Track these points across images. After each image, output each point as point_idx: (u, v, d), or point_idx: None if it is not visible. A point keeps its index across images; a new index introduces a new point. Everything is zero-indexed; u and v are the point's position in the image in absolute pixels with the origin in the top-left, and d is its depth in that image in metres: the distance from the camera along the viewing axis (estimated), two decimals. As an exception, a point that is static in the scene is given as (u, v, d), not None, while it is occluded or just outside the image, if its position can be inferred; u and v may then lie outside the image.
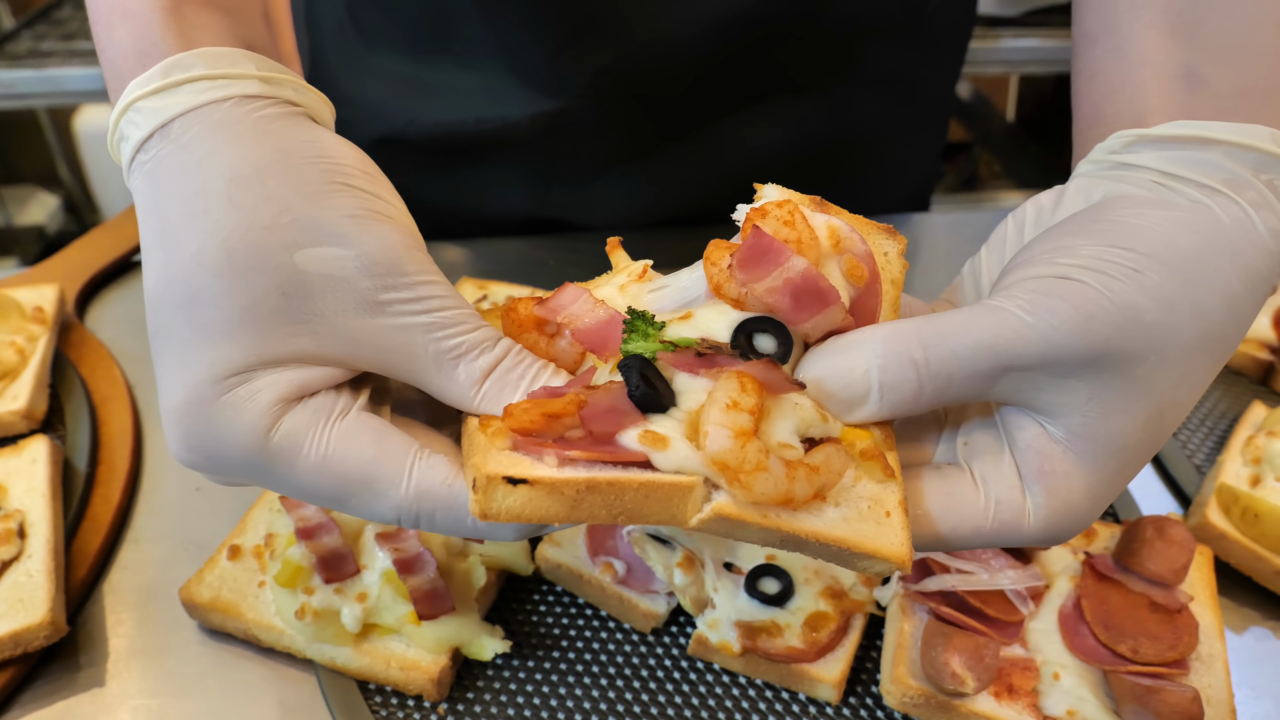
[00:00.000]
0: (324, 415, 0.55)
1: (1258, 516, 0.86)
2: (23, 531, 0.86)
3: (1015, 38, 2.65)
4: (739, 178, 1.35)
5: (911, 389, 0.53)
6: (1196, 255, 0.53)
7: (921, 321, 0.54)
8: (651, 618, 0.83)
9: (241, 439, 0.54)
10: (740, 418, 0.51)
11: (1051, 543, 0.57)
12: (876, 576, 0.54)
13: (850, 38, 1.27)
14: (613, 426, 0.52)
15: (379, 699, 0.78)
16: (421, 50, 1.25)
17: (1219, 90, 0.59)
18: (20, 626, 0.78)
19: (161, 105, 0.56)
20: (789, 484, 0.51)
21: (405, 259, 0.55)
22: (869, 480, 0.54)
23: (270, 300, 0.53)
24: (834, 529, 0.52)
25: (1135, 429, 0.53)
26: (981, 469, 0.57)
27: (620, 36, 1.17)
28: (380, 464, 0.54)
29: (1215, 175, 0.56)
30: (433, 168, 1.33)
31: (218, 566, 0.85)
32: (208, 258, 0.53)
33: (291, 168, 0.55)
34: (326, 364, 0.55)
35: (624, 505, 0.52)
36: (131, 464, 0.98)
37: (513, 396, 0.55)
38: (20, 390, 1.01)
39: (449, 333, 0.55)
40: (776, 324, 0.56)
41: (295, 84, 0.60)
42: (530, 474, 0.50)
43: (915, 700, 0.74)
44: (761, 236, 0.55)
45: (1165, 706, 0.70)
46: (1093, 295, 0.52)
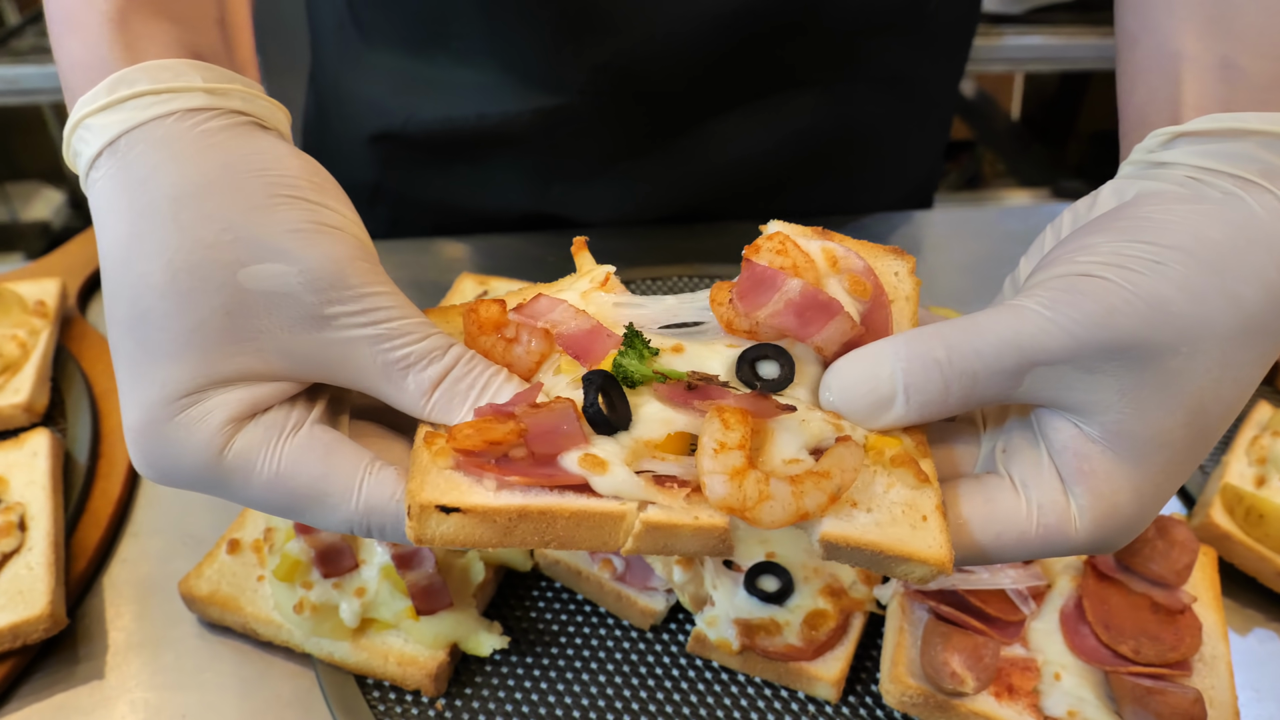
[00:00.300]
0: (275, 433, 0.55)
1: (1262, 517, 0.86)
2: (23, 524, 0.86)
3: (1019, 35, 2.65)
4: (739, 175, 1.36)
5: (938, 389, 0.53)
6: (1228, 246, 0.52)
7: (943, 324, 0.54)
8: (650, 615, 0.83)
9: (195, 458, 0.54)
10: (731, 458, 0.51)
11: (1102, 549, 0.56)
12: (919, 582, 0.53)
13: (850, 34, 1.26)
14: (554, 448, 0.52)
15: (377, 694, 0.78)
16: (420, 47, 1.25)
17: (1256, 81, 0.59)
18: (20, 619, 0.78)
19: (108, 122, 0.56)
20: (798, 500, 0.51)
21: (349, 271, 0.54)
22: (902, 486, 0.54)
23: (215, 320, 0.53)
24: (865, 534, 0.52)
25: (1176, 426, 0.52)
26: (1021, 473, 0.56)
27: (618, 33, 1.17)
28: (330, 480, 0.55)
29: (1250, 167, 0.55)
30: (432, 164, 1.33)
31: (217, 561, 0.85)
32: (153, 279, 0.53)
33: (234, 183, 0.54)
34: (276, 379, 0.55)
35: (555, 533, 0.53)
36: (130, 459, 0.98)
37: (462, 406, 0.55)
38: (22, 384, 1.01)
39: (396, 344, 0.55)
40: (777, 349, 0.57)
41: (244, 93, 0.59)
42: (464, 501, 0.51)
43: (914, 699, 0.74)
44: (755, 268, 0.57)
45: (1167, 708, 0.69)
46: (1113, 289, 0.51)
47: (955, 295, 1.26)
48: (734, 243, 1.35)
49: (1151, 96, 0.63)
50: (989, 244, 1.40)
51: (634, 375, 0.55)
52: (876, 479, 0.54)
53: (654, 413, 0.54)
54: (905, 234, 1.45)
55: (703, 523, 0.52)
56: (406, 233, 1.39)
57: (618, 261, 1.26)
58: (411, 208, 1.38)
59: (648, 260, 1.30)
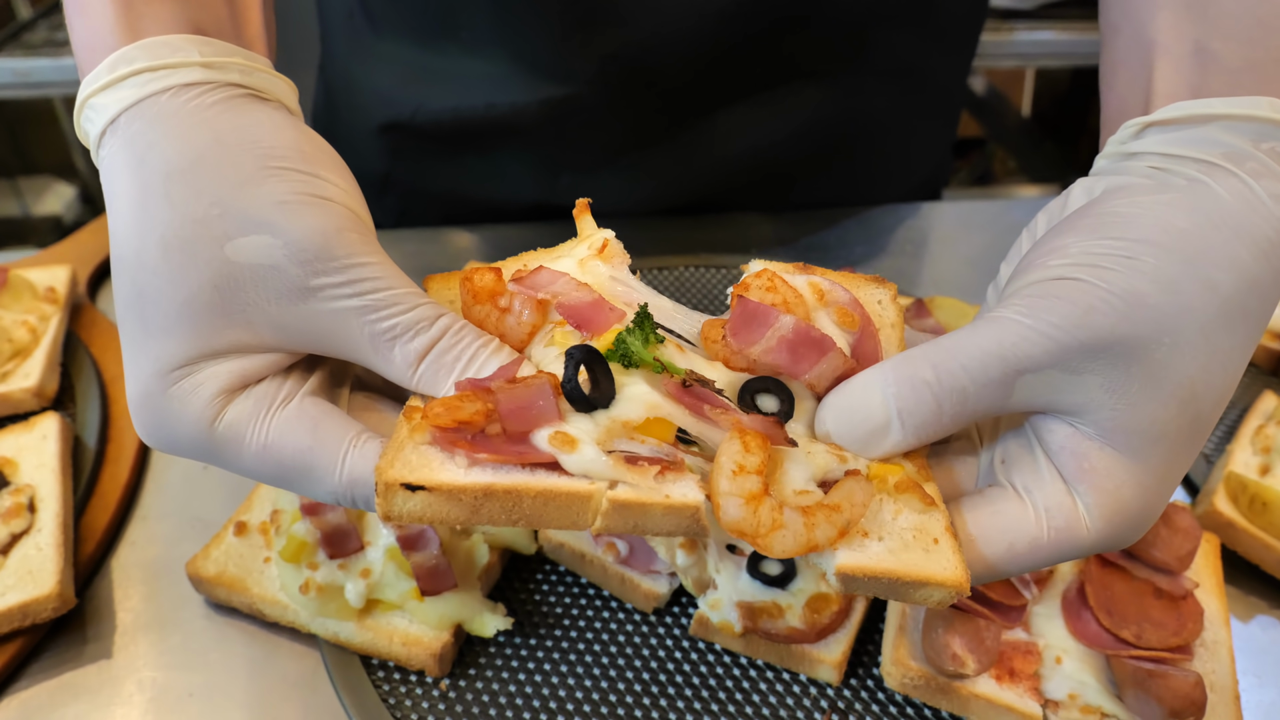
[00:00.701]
0: (265, 405, 0.56)
1: (1266, 505, 0.86)
2: (33, 506, 0.87)
3: (1030, 30, 2.64)
4: (747, 166, 1.36)
5: (930, 409, 0.53)
6: (1195, 234, 0.53)
7: (926, 345, 0.55)
8: (653, 598, 0.83)
9: (189, 429, 0.55)
10: (748, 481, 0.51)
11: (1114, 546, 0.55)
12: (938, 605, 0.53)
13: (858, 25, 1.27)
14: (528, 425, 0.53)
15: (381, 674, 0.79)
16: (429, 37, 1.25)
17: (1228, 64, 0.58)
18: (29, 598, 0.79)
19: (108, 101, 0.57)
20: (809, 532, 0.51)
21: (335, 243, 0.54)
22: (910, 512, 0.54)
23: (204, 294, 0.54)
24: (880, 562, 0.52)
25: (1170, 416, 0.52)
26: (1022, 480, 0.56)
27: (627, 23, 1.17)
28: (315, 453, 0.55)
29: (1213, 151, 0.55)
30: (441, 154, 1.34)
31: (224, 542, 0.85)
32: (147, 255, 0.54)
33: (225, 157, 0.55)
34: (268, 351, 0.56)
35: (523, 511, 0.53)
36: (140, 442, 0.99)
37: (449, 377, 0.56)
38: (32, 368, 1.02)
39: (383, 315, 0.55)
40: (777, 383, 0.57)
41: (243, 66, 0.60)
42: (429, 480, 0.51)
43: (915, 682, 0.74)
44: (747, 304, 0.57)
45: (1167, 691, 0.70)
46: (1087, 289, 0.52)
47: (961, 287, 1.26)
48: (741, 234, 1.36)
49: (1129, 87, 0.63)
50: (996, 236, 1.40)
51: (634, 355, 0.55)
52: (884, 507, 0.54)
53: (639, 393, 0.54)
54: (912, 226, 1.44)
55: (673, 501, 0.52)
56: (415, 222, 1.40)
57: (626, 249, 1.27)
58: (420, 198, 1.39)
59: (655, 251, 1.30)
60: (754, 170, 1.39)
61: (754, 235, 1.36)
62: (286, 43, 2.43)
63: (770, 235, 1.37)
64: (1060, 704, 0.73)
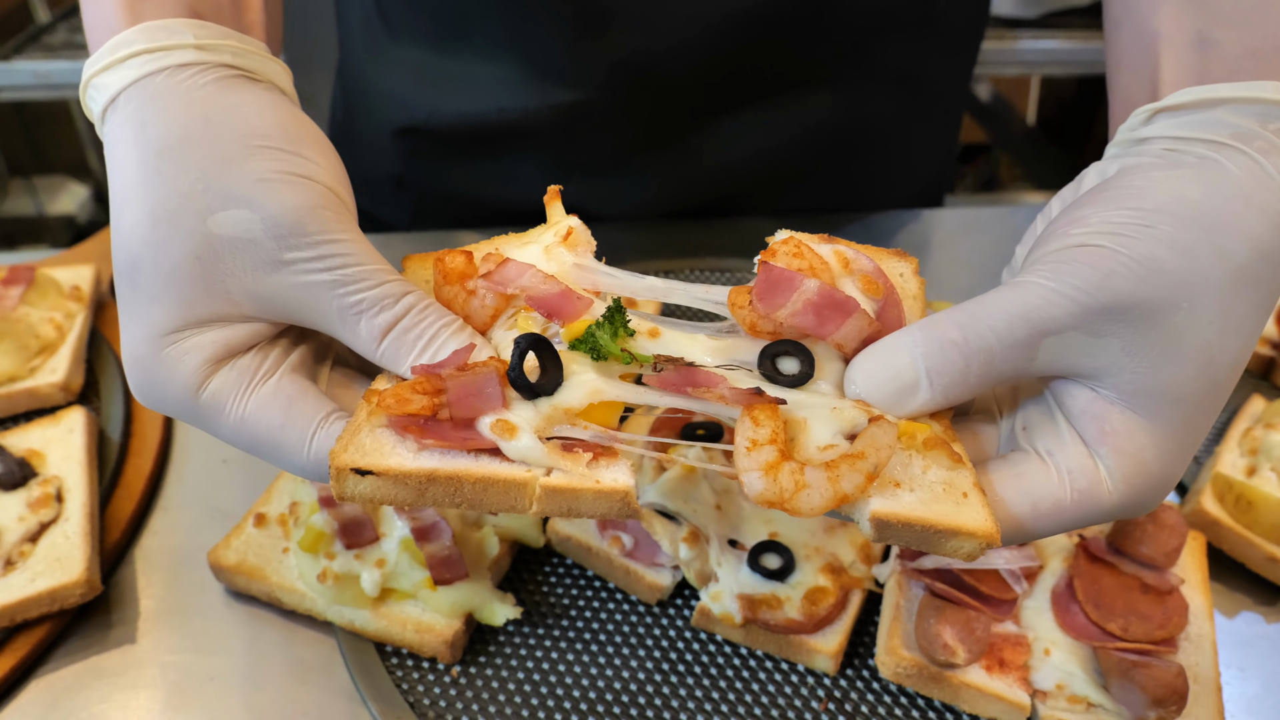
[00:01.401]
0: (246, 379, 0.60)
1: (1251, 504, 0.88)
2: (60, 496, 0.91)
3: (1034, 39, 2.66)
4: (751, 170, 1.39)
5: (958, 369, 0.55)
6: (1207, 204, 0.55)
7: (953, 309, 0.57)
8: (657, 590, 0.86)
9: (176, 394, 0.60)
10: (763, 454, 0.54)
11: (1136, 509, 0.57)
12: (968, 558, 0.56)
13: (861, 32, 1.29)
14: (473, 412, 0.55)
15: (395, 660, 0.82)
16: (444, 43, 1.28)
17: (1230, 52, 0.61)
18: (58, 584, 0.82)
19: (108, 81, 0.61)
20: (834, 485, 0.53)
21: (308, 219, 0.58)
22: (938, 468, 0.56)
23: (187, 265, 0.58)
24: (913, 510, 0.54)
25: (1188, 378, 0.54)
26: (1044, 444, 0.58)
27: (636, 30, 1.20)
28: (286, 430, 0.59)
29: (1222, 131, 0.58)
30: (454, 157, 1.37)
31: (244, 533, 0.88)
32: (139, 228, 0.58)
33: (211, 135, 0.59)
34: (247, 320, 0.60)
35: (464, 495, 0.56)
36: (162, 436, 1.02)
37: (410, 354, 0.59)
38: (58, 364, 1.06)
39: (351, 289, 0.58)
40: (797, 345, 0.59)
41: (236, 48, 0.63)
42: (377, 465, 0.54)
43: (908, 671, 0.77)
44: (772, 270, 0.59)
45: (1151, 680, 0.72)
46: (1107, 254, 0.54)
47: (961, 292, 1.28)
48: (745, 237, 1.39)
49: (1134, 77, 0.66)
50: (995, 241, 1.42)
51: (603, 348, 0.58)
52: (914, 461, 0.56)
53: (584, 380, 0.57)
54: (914, 230, 1.47)
55: (603, 486, 0.54)
56: (428, 224, 1.43)
57: (632, 254, 1.31)
58: (433, 199, 1.42)
59: (662, 254, 1.33)
60: (759, 174, 1.41)
61: (757, 238, 1.37)
62: (306, 47, 2.47)
63: (775, 239, 1.40)
64: (1048, 694, 0.76)
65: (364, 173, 1.46)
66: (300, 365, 0.63)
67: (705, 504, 0.88)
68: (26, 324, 1.07)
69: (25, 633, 0.82)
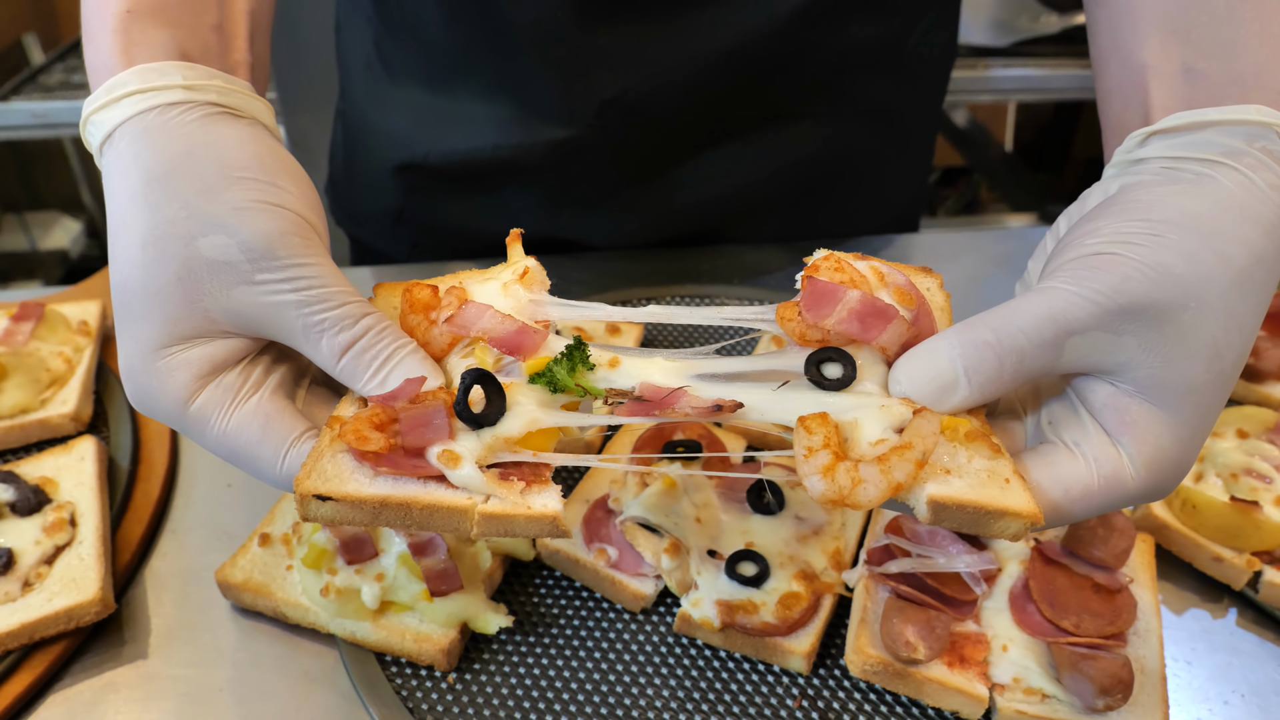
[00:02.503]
0: (230, 396, 0.66)
1: (1196, 508, 0.94)
2: (74, 520, 0.95)
3: (1005, 68, 2.74)
4: (734, 201, 1.46)
5: (993, 367, 0.61)
6: (1206, 215, 0.61)
7: (985, 314, 0.63)
8: (640, 599, 0.91)
9: (167, 405, 0.66)
10: (819, 459, 0.59)
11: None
12: (1014, 538, 0.61)
13: (835, 71, 1.36)
14: (423, 442, 0.61)
15: (394, 669, 0.86)
16: (441, 84, 1.35)
17: (1214, 80, 0.68)
18: (74, 603, 0.87)
19: (105, 119, 0.68)
20: (887, 476, 0.59)
21: (279, 244, 0.64)
22: (980, 458, 0.62)
23: (171, 285, 0.64)
24: (964, 494, 0.59)
25: (1199, 371, 0.60)
26: (1071, 436, 0.64)
27: (624, 72, 1.26)
28: (262, 446, 0.65)
29: (1213, 150, 0.64)
30: (452, 192, 1.43)
31: (249, 552, 0.93)
32: (130, 252, 0.65)
33: (195, 166, 0.65)
34: (225, 335, 0.66)
35: (414, 519, 0.62)
36: (169, 462, 1.07)
37: (366, 372, 0.65)
38: (69, 395, 1.11)
39: (314, 308, 0.65)
40: (840, 352, 0.65)
41: (222, 88, 0.70)
42: (336, 491, 0.60)
43: (875, 668, 0.82)
44: (818, 283, 0.66)
45: (1099, 672, 0.78)
46: (1122, 260, 0.60)
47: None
48: (725, 265, 1.46)
49: (1125, 105, 0.72)
50: (964, 267, 1.48)
51: (559, 383, 0.64)
52: (959, 452, 0.62)
53: (523, 410, 0.63)
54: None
55: (534, 512, 0.60)
56: (426, 255, 1.49)
57: (618, 282, 1.37)
58: (431, 231, 1.48)
59: (646, 281, 1.39)
60: (740, 205, 1.48)
61: (737, 266, 1.45)
62: (306, 89, 2.55)
63: (752, 266, 1.46)
64: (1006, 687, 0.81)
65: (365, 208, 1.53)
66: (280, 385, 0.69)
67: (685, 517, 0.93)
68: (38, 358, 1.12)
69: (43, 650, 0.87)
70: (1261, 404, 1.11)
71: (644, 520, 0.92)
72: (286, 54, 2.42)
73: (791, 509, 0.96)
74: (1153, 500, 0.65)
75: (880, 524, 0.94)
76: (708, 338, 1.28)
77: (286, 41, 2.35)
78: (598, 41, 1.23)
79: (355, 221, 1.58)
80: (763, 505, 0.95)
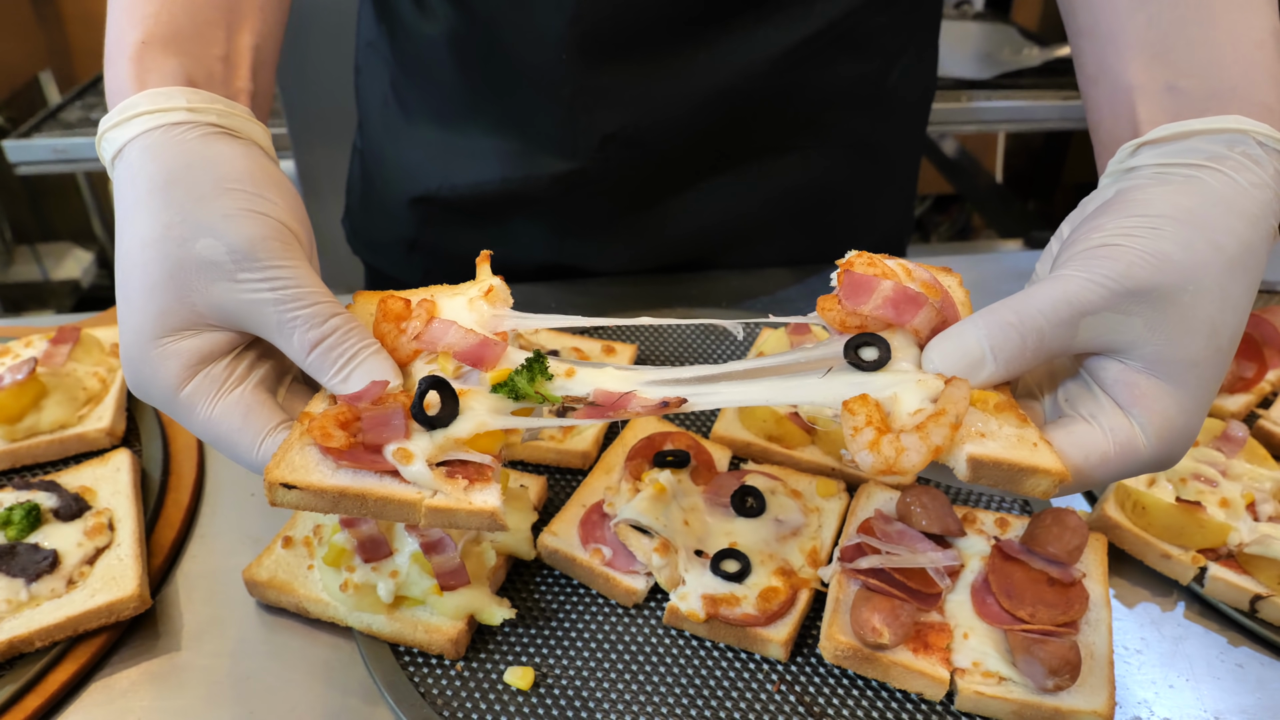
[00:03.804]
0: (216, 386, 0.74)
1: (1145, 509, 1.02)
2: (112, 525, 1.04)
3: (988, 99, 2.84)
4: (727, 229, 1.56)
5: (1016, 345, 0.69)
6: (1199, 210, 0.69)
7: (1006, 300, 0.71)
8: (633, 594, 0.99)
9: (160, 390, 0.74)
10: (865, 435, 0.67)
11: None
12: (1043, 495, 0.66)
13: (821, 108, 1.45)
14: (381, 439, 0.69)
15: (407, 658, 0.94)
16: (453, 121, 1.44)
17: (1195, 96, 0.76)
18: (114, 598, 0.95)
19: (118, 136, 0.77)
20: (926, 442, 0.66)
21: (259, 248, 0.72)
22: (1009, 426, 0.69)
23: (164, 281, 0.72)
24: (1000, 453, 0.67)
25: (1199, 346, 0.67)
26: (1086, 410, 0.71)
27: (624, 109, 1.36)
28: (241, 434, 0.73)
29: (1199, 156, 0.72)
30: (463, 223, 1.52)
31: (274, 553, 1.01)
32: (131, 251, 0.74)
33: (191, 178, 0.74)
34: (211, 328, 0.74)
35: (369, 509, 0.69)
36: (197, 474, 1.15)
37: (332, 368, 0.73)
38: (104, 412, 1.19)
39: (288, 306, 0.72)
40: (875, 336, 0.73)
41: (222, 111, 0.79)
42: (300, 481, 0.68)
43: (845, 653, 0.90)
44: (855, 275, 0.75)
45: (1048, 654, 0.85)
46: (1126, 251, 0.69)
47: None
48: (714, 288, 1.55)
49: (1115, 121, 0.81)
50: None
51: (520, 391, 0.72)
52: (990, 420, 0.69)
53: (475, 415, 0.71)
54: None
55: (475, 507, 0.68)
56: (438, 281, 1.58)
57: (614, 305, 1.46)
58: (443, 259, 1.56)
59: (639, 304, 1.47)
60: (732, 232, 1.56)
61: (725, 290, 1.54)
62: (326, 126, 2.68)
63: (743, 289, 1.55)
64: (966, 671, 0.89)
65: (381, 237, 1.62)
66: (263, 380, 0.77)
67: (674, 520, 1.01)
68: (75, 378, 1.20)
69: (86, 642, 0.94)
70: (1211, 415, 1.20)
71: (636, 522, 1.00)
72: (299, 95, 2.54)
73: (771, 512, 1.04)
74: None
75: (853, 526, 1.02)
76: (697, 358, 1.37)
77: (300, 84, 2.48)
78: (600, 81, 1.32)
79: (372, 250, 1.67)
80: (745, 509, 1.03)
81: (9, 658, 0.92)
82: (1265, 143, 0.71)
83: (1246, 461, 1.08)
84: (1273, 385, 1.26)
